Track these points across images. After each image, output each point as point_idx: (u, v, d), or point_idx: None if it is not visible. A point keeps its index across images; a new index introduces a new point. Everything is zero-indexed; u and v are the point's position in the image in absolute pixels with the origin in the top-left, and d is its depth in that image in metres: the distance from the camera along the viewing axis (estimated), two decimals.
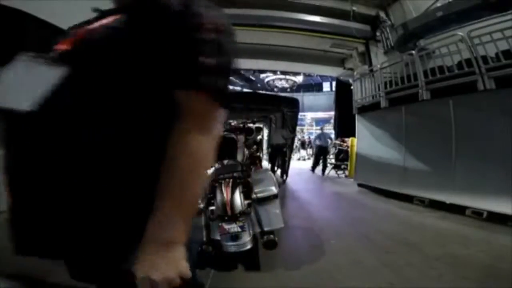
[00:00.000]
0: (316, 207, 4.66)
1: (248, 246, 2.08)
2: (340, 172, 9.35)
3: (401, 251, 2.75)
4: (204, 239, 2.13)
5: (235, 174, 2.26)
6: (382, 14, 8.28)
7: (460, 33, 4.33)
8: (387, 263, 2.46)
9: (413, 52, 5.18)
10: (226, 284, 2.06)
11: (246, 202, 2.14)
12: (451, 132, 4.26)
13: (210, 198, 2.22)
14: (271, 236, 2.12)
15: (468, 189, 3.98)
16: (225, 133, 2.96)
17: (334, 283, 2.11)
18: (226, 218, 2.05)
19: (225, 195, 2.08)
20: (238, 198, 2.10)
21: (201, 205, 2.14)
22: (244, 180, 2.26)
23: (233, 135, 2.71)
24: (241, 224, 2.05)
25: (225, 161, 2.56)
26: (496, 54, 3.89)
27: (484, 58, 3.98)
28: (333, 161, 10.29)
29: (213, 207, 2.14)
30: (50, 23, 3.35)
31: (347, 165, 9.17)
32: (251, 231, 2.12)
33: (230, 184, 2.16)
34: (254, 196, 2.14)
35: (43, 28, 3.28)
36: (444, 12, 5.99)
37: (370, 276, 2.22)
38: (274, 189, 2.17)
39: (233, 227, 2.04)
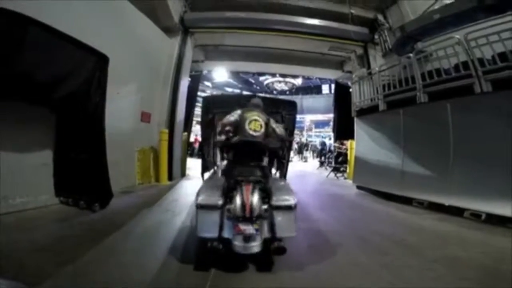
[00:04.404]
0: (314, 209, 4.65)
1: (258, 250, 2.12)
2: (339, 174, 9.38)
3: (399, 253, 2.75)
4: (216, 235, 2.16)
5: (256, 178, 2.35)
6: (380, 17, 8.32)
7: (457, 36, 4.36)
8: (385, 264, 2.46)
9: (411, 55, 5.20)
10: (227, 284, 2.06)
11: (264, 206, 2.21)
12: (448, 134, 4.29)
13: (229, 197, 2.27)
14: (281, 243, 2.18)
15: (466, 191, 4.01)
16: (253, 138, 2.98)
17: (333, 283, 2.12)
18: (241, 218, 2.11)
19: (245, 196, 2.14)
20: (257, 201, 2.15)
21: (220, 202, 2.19)
22: (264, 185, 2.35)
23: (260, 140, 2.77)
24: (256, 227, 2.12)
25: (250, 164, 2.63)
26: (493, 56, 3.92)
27: (481, 61, 4.01)
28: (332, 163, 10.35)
29: (230, 206, 2.19)
30: (51, 26, 3.36)
31: (346, 167, 9.21)
32: (262, 236, 2.17)
33: (251, 186, 2.22)
34: (273, 203, 2.21)
35: (45, 31, 3.29)
36: (441, 15, 6.03)
37: (369, 277, 2.22)
38: (293, 200, 2.23)
39: (249, 229, 2.10)
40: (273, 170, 6.84)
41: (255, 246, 2.11)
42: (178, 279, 2.13)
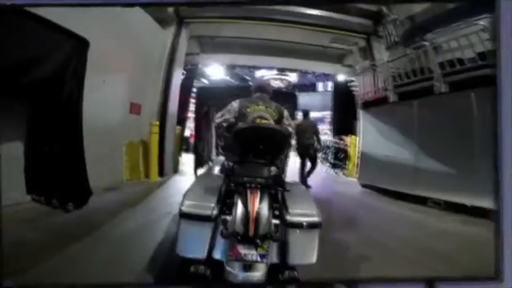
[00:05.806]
0: (320, 210, 4.22)
1: (260, 280, 1.53)
2: (337, 169, 9.07)
3: (431, 263, 2.34)
4: (203, 256, 1.57)
5: (267, 181, 1.67)
6: (384, 8, 8.05)
7: (482, 22, 3.98)
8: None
9: (426, 43, 4.87)
10: None
11: (274, 222, 1.64)
12: (472, 127, 3.88)
13: (227, 204, 1.70)
14: (294, 273, 1.59)
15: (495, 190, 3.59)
16: (271, 124, 2.28)
17: None
18: (241, 238, 1.50)
19: (250, 207, 1.53)
20: (266, 215, 1.56)
21: (214, 211, 1.59)
22: (276, 192, 1.74)
23: (279, 128, 2.08)
24: (263, 252, 1.51)
25: (260, 161, 1.84)
26: None
27: None
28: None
29: (227, 217, 1.65)
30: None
31: (346, 164, 8.89)
32: (269, 261, 1.57)
33: (259, 192, 1.60)
34: (288, 218, 1.61)
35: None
36: (456, 4, 5.73)
37: None
38: (316, 216, 1.65)
39: (252, 254, 1.50)
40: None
41: (257, 276, 1.52)
42: None
